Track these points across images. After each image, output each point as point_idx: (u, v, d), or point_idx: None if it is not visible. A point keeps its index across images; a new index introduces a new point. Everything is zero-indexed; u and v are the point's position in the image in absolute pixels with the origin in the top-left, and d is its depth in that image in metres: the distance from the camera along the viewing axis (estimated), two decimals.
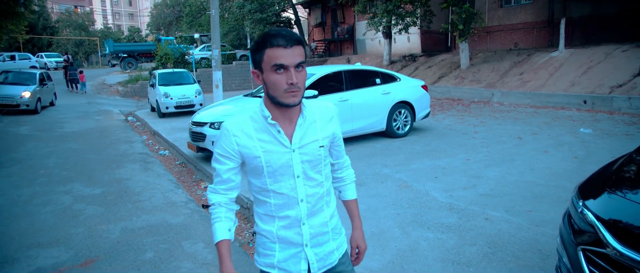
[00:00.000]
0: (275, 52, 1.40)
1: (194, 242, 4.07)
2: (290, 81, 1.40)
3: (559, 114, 10.27)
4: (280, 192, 1.55)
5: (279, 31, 1.43)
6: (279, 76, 1.41)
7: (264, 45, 1.42)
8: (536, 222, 4.02)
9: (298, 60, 1.42)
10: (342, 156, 1.79)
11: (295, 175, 1.55)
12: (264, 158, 1.51)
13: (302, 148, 1.54)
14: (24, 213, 5.00)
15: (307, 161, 1.55)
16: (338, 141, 1.71)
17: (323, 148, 1.59)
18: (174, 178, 6.54)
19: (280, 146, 1.52)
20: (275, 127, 1.51)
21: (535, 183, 5.20)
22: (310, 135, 1.56)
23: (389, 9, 16.71)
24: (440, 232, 3.92)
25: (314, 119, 1.59)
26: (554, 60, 13.28)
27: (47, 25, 47.28)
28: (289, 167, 1.53)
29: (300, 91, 1.45)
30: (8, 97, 14.19)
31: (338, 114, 1.71)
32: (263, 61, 1.43)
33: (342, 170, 1.82)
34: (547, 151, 6.75)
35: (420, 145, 7.59)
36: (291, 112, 1.51)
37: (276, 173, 1.53)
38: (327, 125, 1.62)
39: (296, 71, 1.42)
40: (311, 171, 1.58)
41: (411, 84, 8.69)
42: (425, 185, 5.31)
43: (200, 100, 13.60)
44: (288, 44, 1.40)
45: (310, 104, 1.62)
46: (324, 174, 1.63)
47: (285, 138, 1.52)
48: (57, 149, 8.73)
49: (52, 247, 4.04)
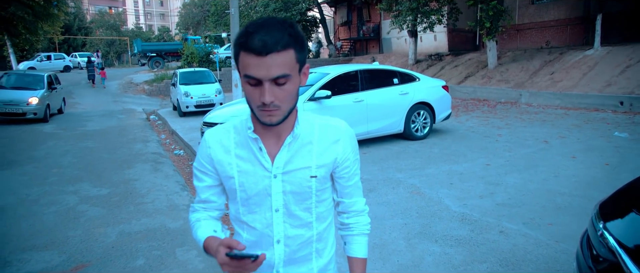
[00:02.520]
0: (246, 59, 1.07)
1: (187, 249, 3.91)
2: (262, 99, 1.08)
3: (592, 115, 9.66)
4: (253, 226, 1.26)
5: (260, 27, 1.07)
6: (251, 89, 1.10)
7: (239, 44, 1.09)
8: (556, 237, 3.65)
9: (276, 73, 1.06)
10: (351, 195, 1.36)
11: (273, 208, 1.24)
12: (238, 179, 1.23)
13: (287, 175, 1.22)
14: (28, 213, 4.98)
15: (291, 192, 1.23)
16: (345, 173, 1.30)
17: (316, 179, 1.24)
18: (183, 179, 6.44)
19: (259, 167, 1.22)
20: (256, 142, 1.21)
21: (558, 192, 4.80)
22: (299, 159, 1.23)
23: (413, 7, 16.28)
24: (449, 246, 3.62)
25: (309, 140, 1.24)
26: (588, 59, 12.57)
27: (82, 26, 48.78)
28: (266, 197, 1.23)
29: (279, 110, 1.12)
30: (12, 103, 11.88)
31: (352, 136, 1.31)
32: (238, 64, 1.12)
33: (349, 215, 1.38)
34: (575, 156, 6.29)
35: (438, 149, 7.23)
36: (279, 127, 1.20)
37: (250, 201, 1.24)
38: (328, 149, 1.25)
39: (273, 86, 1.08)
40: (296, 206, 1.25)
41: (431, 84, 8.33)
42: (438, 192, 4.99)
43: (221, 99, 13.58)
44: (263, 50, 1.04)
45: (308, 119, 1.27)
46: (316, 213, 1.28)
47: (267, 158, 1.21)
48: (74, 148, 8.81)
49: (46, 250, 3.96)
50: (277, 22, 1.09)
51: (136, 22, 64.92)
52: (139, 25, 60.86)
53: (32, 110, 12.04)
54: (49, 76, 13.83)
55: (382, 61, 20.38)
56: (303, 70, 1.17)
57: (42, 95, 12.52)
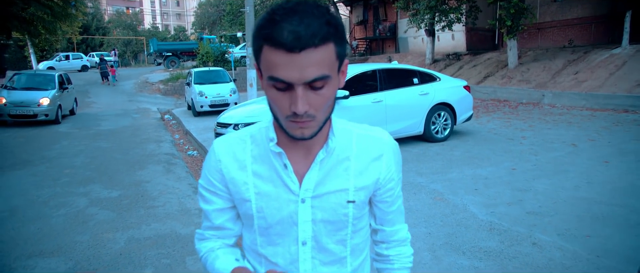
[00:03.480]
0: (273, 55, 0.80)
1: (198, 258, 3.69)
2: (294, 109, 0.83)
3: (622, 117, 9.22)
4: (273, 261, 1.02)
5: (289, 13, 0.80)
6: (279, 95, 0.84)
7: (261, 35, 0.82)
8: (597, 251, 3.35)
9: (313, 74, 0.80)
10: (392, 223, 1.11)
11: (300, 240, 1.00)
12: (255, 204, 0.98)
13: (318, 200, 0.97)
14: (37, 216, 4.84)
15: (322, 221, 0.99)
16: (387, 196, 1.05)
17: (353, 205, 0.99)
18: (195, 181, 6.26)
19: (283, 189, 0.97)
20: (280, 158, 0.97)
21: (593, 200, 4.47)
22: (334, 180, 0.98)
23: (431, 5, 15.90)
24: (478, 259, 3.34)
25: (346, 155, 0.99)
26: (616, 58, 12.07)
27: (100, 26, 49.40)
28: (292, 226, 0.99)
29: (314, 121, 0.86)
30: (23, 105, 11.53)
31: (396, 151, 1.06)
32: (260, 61, 0.85)
33: (390, 245, 1.12)
34: (607, 161, 5.93)
35: (460, 151, 6.93)
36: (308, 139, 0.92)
37: (271, 230, 1.00)
38: (368, 167, 1.00)
39: (308, 91, 0.83)
40: (328, 238, 1.01)
41: (452, 84, 8.02)
42: (463, 199, 4.71)
43: (235, 99, 13.43)
44: (296, 45, 0.78)
45: (346, 129, 1.01)
46: (351, 246, 1.04)
47: (293, 177, 0.97)
48: (87, 148, 8.72)
49: (52, 257, 3.80)
50: (311, 6, 0.82)
51: (153, 22, 65.55)
52: (155, 25, 61.44)
53: (43, 111, 11.69)
54: (60, 76, 13.46)
55: (399, 61, 20.02)
56: (342, 67, 0.90)
57: (53, 96, 12.14)
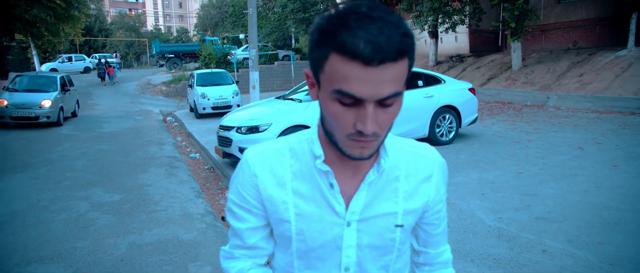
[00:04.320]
0: (345, 67, 0.71)
1: (201, 265, 3.63)
2: (361, 128, 0.75)
3: (628, 120, 9.12)
4: None
5: (367, 17, 0.70)
6: (343, 110, 0.76)
7: (330, 41, 0.72)
8: (609, 259, 3.26)
9: (388, 91, 0.72)
10: (437, 245, 1.04)
11: (343, 266, 0.92)
12: (295, 225, 0.91)
13: (364, 223, 0.91)
14: (37, 220, 4.78)
15: (368, 246, 0.92)
16: (436, 219, 1.00)
17: (402, 229, 0.93)
18: (198, 185, 6.19)
19: (328, 211, 0.90)
20: (327, 176, 0.89)
21: (604, 205, 4.38)
22: (383, 203, 0.91)
23: (435, 7, 15.81)
24: (487, 267, 3.26)
25: (395, 175, 0.92)
26: (621, 60, 11.97)
27: (103, 28, 49.48)
28: (335, 250, 0.92)
29: (377, 141, 0.79)
30: (25, 107, 11.41)
31: (445, 169, 1.00)
32: (322, 69, 0.76)
33: (433, 267, 1.06)
34: (616, 165, 5.83)
35: (465, 155, 6.84)
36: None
37: (311, 255, 0.93)
38: (418, 189, 0.94)
39: (379, 109, 0.75)
40: (372, 264, 0.94)
41: (457, 87, 7.94)
42: (469, 204, 4.63)
43: (238, 101, 13.38)
44: (376, 56, 0.69)
45: (396, 146, 0.94)
46: (394, 270, 0.98)
47: (340, 199, 0.89)
48: (89, 151, 8.67)
49: (52, 263, 3.73)
50: (387, 13, 0.72)
51: (155, 24, 65.64)
52: (157, 26, 61.49)
53: (45, 113, 11.60)
54: (62, 77, 13.37)
55: None
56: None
57: (55, 98, 12.08)
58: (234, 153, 6.35)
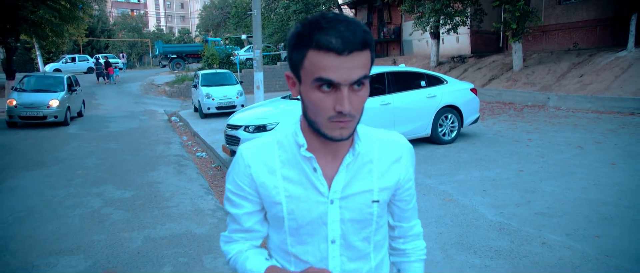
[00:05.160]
0: (322, 59, 0.89)
1: (215, 257, 3.79)
2: (340, 108, 0.91)
3: (627, 120, 9.27)
4: (304, 259, 1.10)
5: (334, 22, 0.89)
6: (323, 96, 0.92)
7: (307, 42, 0.90)
8: (606, 251, 3.42)
9: (357, 75, 0.90)
10: (409, 219, 1.21)
11: (329, 239, 1.08)
12: (286, 206, 1.06)
13: (346, 200, 1.06)
14: (54, 216, 4.95)
15: (350, 220, 1.07)
16: (405, 195, 1.16)
17: (378, 204, 1.08)
18: (206, 182, 6.36)
19: (313, 192, 1.05)
20: (310, 162, 1.04)
21: (601, 201, 4.54)
22: (360, 182, 1.07)
23: (436, 8, 15.98)
24: (489, 258, 3.42)
25: (369, 158, 1.08)
26: (621, 61, 12.11)
27: (105, 28, 49.74)
28: (321, 226, 1.07)
29: (353, 121, 0.95)
30: (33, 107, 11.65)
31: (412, 153, 1.16)
32: (302, 66, 0.93)
33: (406, 239, 1.23)
34: (614, 163, 5.99)
35: (467, 153, 7.00)
36: (337, 143, 1.04)
37: (301, 231, 1.08)
38: (389, 169, 1.10)
39: (352, 92, 0.92)
40: (355, 236, 1.09)
41: (459, 87, 8.10)
42: (472, 200, 4.78)
43: (242, 101, 13.54)
44: (345, 47, 0.88)
45: (368, 134, 1.10)
46: (374, 242, 1.13)
47: (322, 180, 1.04)
48: (97, 149, 8.84)
49: (72, 255, 3.90)
50: (350, 18, 0.92)
51: (157, 24, 65.86)
52: (159, 27, 61.72)
53: (52, 113, 11.83)
54: (68, 78, 13.57)
55: (404, 63, 20.12)
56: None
57: (62, 98, 12.30)
58: None
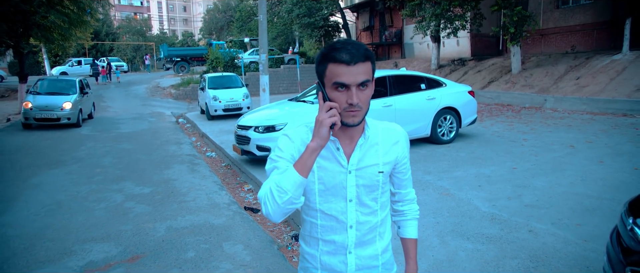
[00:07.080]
0: (337, 69, 1.33)
1: (233, 243, 4.19)
2: (350, 101, 1.34)
3: (620, 121, 9.65)
4: (329, 213, 1.49)
5: (345, 44, 1.35)
6: (339, 94, 1.35)
7: (327, 59, 1.36)
8: (584, 236, 3.81)
9: (361, 79, 1.34)
10: (406, 187, 1.64)
11: (348, 199, 1.47)
12: (317, 174, 1.46)
13: (360, 171, 1.46)
14: (81, 209, 5.36)
15: (363, 185, 1.48)
16: (402, 168, 1.58)
17: (382, 174, 1.49)
18: (219, 180, 6.76)
19: (336, 164, 1.45)
20: (335, 143, 1.45)
21: (586, 195, 4.93)
22: (370, 158, 1.48)
23: (437, 13, 16.40)
24: (480, 243, 3.81)
25: (376, 141, 1.50)
26: (616, 64, 12.50)
27: (110, 32, 50.27)
28: (342, 189, 1.46)
29: (361, 111, 1.37)
30: (47, 109, 12.24)
31: (407, 138, 1.58)
32: (325, 76, 1.37)
33: (404, 203, 1.67)
34: (602, 161, 6.37)
35: (465, 152, 7.39)
36: (352, 130, 1.44)
37: (328, 192, 1.47)
38: (390, 149, 1.51)
39: (358, 90, 1.35)
40: (366, 197, 1.49)
41: (457, 90, 8.49)
42: (467, 194, 5.17)
43: (248, 104, 13.93)
44: (352, 60, 1.32)
45: (375, 124, 1.53)
46: (380, 202, 1.53)
47: (343, 156, 1.45)
48: (112, 149, 9.26)
49: (103, 242, 4.31)
50: (354, 43, 1.37)
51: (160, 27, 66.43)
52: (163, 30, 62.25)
53: (66, 115, 12.41)
54: (80, 81, 14.23)
55: (405, 66, 20.51)
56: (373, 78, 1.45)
57: (75, 100, 12.89)
58: (251, 150, 6.92)
